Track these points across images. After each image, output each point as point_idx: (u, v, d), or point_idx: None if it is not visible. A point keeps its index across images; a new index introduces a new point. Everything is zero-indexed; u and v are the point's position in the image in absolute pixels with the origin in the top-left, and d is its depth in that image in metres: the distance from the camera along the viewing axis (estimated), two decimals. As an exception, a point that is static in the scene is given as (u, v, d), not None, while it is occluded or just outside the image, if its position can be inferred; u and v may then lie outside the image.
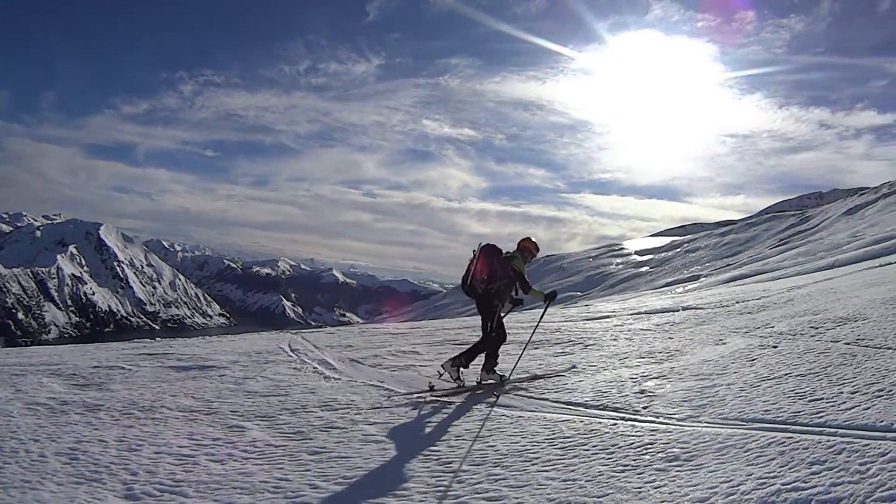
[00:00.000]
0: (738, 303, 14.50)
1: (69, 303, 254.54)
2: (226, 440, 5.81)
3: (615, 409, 6.50)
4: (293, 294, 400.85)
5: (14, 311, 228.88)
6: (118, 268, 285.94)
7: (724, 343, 9.31)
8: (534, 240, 8.57)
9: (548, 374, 8.42)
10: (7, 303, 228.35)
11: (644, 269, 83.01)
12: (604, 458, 5.08)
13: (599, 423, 6.03)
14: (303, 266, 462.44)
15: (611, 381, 7.71)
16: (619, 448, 5.29)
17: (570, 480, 4.69)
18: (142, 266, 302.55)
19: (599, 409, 6.57)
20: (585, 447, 5.38)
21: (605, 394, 7.14)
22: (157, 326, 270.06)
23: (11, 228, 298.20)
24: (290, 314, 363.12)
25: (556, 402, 7.00)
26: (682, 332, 10.84)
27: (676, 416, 6.02)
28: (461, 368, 8.04)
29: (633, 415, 6.25)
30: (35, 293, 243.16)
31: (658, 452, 5.08)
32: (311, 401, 7.27)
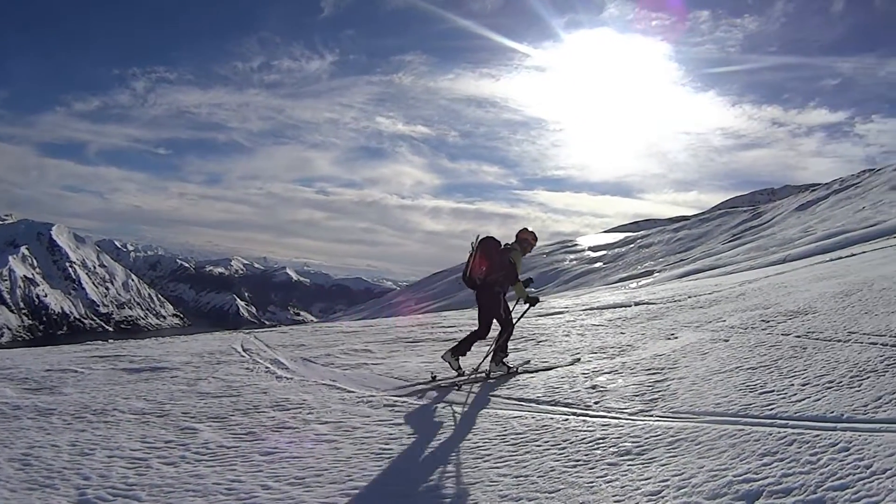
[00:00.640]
0: (690, 297, 14.73)
1: (21, 305, 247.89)
2: (178, 442, 5.77)
3: (567, 405, 6.57)
4: (247, 293, 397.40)
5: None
6: (70, 269, 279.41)
7: (676, 337, 9.47)
8: (531, 230, 8.68)
9: (553, 367, 8.54)
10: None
11: (598, 265, 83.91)
12: (555, 454, 5.14)
13: (551, 419, 6.09)
14: (256, 265, 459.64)
15: (563, 377, 7.77)
16: (571, 443, 5.35)
17: (522, 476, 4.73)
18: (94, 267, 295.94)
19: (551, 405, 6.63)
20: (537, 443, 5.44)
21: (557, 389, 7.21)
22: (111, 328, 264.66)
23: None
24: (244, 314, 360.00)
25: (508, 399, 7.05)
26: (635, 327, 10.99)
27: (628, 411, 6.10)
28: (460, 357, 8.33)
29: (585, 410, 6.32)
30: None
31: (610, 447, 5.15)
32: (264, 401, 7.23)
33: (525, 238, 8.62)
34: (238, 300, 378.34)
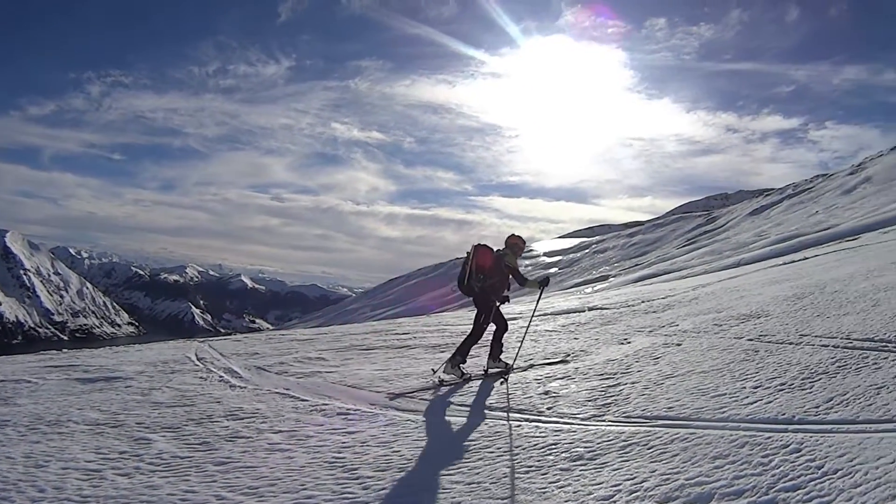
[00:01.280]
0: (644, 302, 14.94)
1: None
2: (132, 453, 5.72)
3: (520, 411, 6.61)
4: (202, 301, 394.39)
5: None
6: (24, 276, 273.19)
7: (629, 342, 9.58)
8: (519, 235, 9.18)
9: (549, 362, 8.88)
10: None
11: (553, 270, 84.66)
12: (508, 460, 5.18)
13: (504, 425, 6.14)
14: (211, 272, 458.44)
15: (515, 383, 7.82)
16: (524, 449, 5.39)
17: (475, 483, 4.76)
18: (49, 274, 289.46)
19: (504, 411, 6.66)
20: (490, 449, 5.47)
21: (510, 395, 7.26)
22: (66, 337, 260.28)
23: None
24: (200, 321, 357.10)
25: (461, 405, 7.08)
26: (588, 333, 11.09)
27: (581, 416, 6.16)
28: (461, 365, 8.58)
29: (538, 416, 6.37)
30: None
31: (562, 452, 5.19)
32: (217, 410, 7.17)
33: (515, 243, 9.07)
34: (193, 308, 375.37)
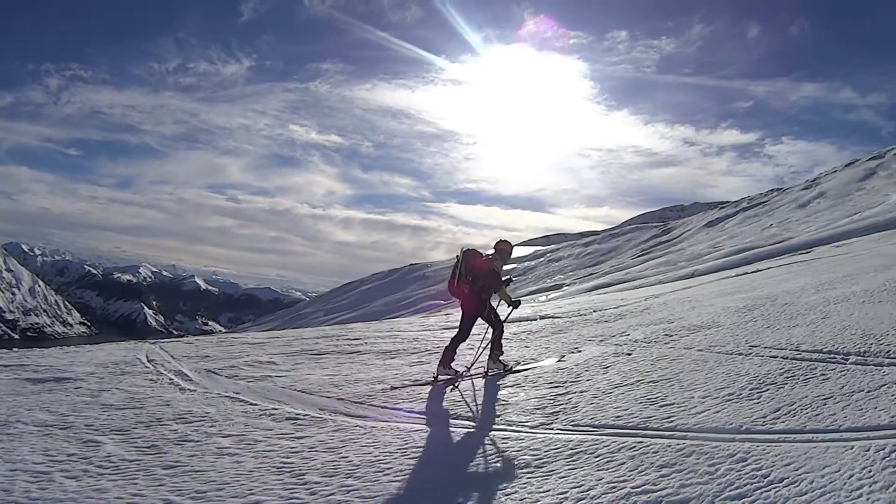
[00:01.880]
0: (596, 311, 15.09)
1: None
2: (81, 455, 5.66)
3: (468, 419, 6.67)
4: (155, 302, 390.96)
5: None
6: None
7: (580, 351, 9.67)
8: (507, 241, 9.71)
9: (528, 366, 9.07)
10: None
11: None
12: (456, 467, 5.23)
13: (452, 433, 6.20)
14: (165, 273, 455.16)
15: (466, 390, 7.90)
16: (472, 457, 5.45)
17: (423, 489, 4.81)
18: (0, 271, 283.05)
19: (453, 419, 6.72)
20: (437, 456, 5.54)
21: (459, 403, 7.33)
22: (17, 335, 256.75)
23: None
24: (152, 322, 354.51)
25: (410, 412, 7.11)
26: (539, 341, 11.17)
27: (529, 424, 6.20)
28: (451, 364, 8.96)
29: (486, 424, 6.41)
30: None
31: (510, 460, 5.24)
32: (167, 413, 7.14)
33: (504, 248, 9.57)
34: (146, 309, 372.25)
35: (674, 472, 4.55)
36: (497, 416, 6.57)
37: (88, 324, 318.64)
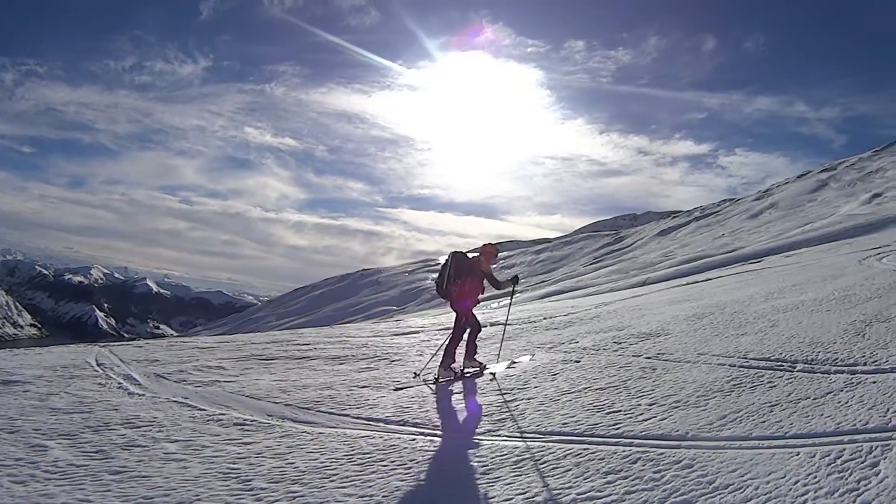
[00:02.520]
0: (546, 319, 15.18)
1: None
2: (28, 460, 5.62)
3: (415, 425, 6.70)
4: (106, 304, 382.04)
5: None
6: None
7: (530, 358, 9.73)
8: (493, 244, 10.15)
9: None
10: None
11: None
12: (402, 474, 5.24)
13: (399, 439, 6.22)
14: (116, 274, 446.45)
15: (412, 397, 7.90)
16: (418, 463, 5.48)
17: (368, 496, 4.82)
18: None
19: (399, 425, 6.74)
20: (384, 463, 5.53)
21: (406, 409, 7.34)
22: None
23: None
24: (104, 325, 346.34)
25: (357, 418, 7.11)
26: (488, 348, 11.19)
27: (476, 431, 6.26)
28: (450, 365, 9.28)
29: (433, 430, 6.46)
30: None
31: (456, 466, 5.30)
32: (115, 418, 7.08)
33: (490, 251, 10.03)
34: (97, 311, 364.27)
35: (619, 479, 4.62)
36: (444, 423, 6.63)
37: (39, 325, 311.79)
